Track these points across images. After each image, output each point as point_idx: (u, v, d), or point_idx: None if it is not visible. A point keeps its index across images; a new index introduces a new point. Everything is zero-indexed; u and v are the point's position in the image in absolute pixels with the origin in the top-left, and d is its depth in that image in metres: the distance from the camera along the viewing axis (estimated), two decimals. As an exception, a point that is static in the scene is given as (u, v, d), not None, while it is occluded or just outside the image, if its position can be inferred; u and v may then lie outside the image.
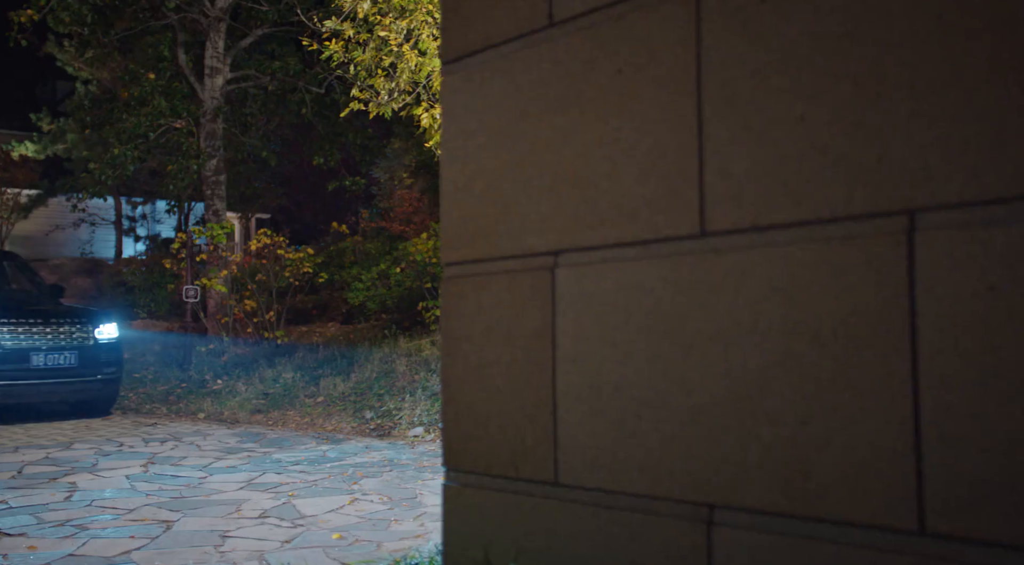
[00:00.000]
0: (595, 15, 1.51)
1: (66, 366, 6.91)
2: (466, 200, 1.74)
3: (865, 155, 1.15)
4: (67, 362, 6.91)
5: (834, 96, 1.19)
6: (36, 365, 6.79)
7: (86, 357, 7.03)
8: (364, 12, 5.48)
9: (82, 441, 5.98)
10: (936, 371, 1.05)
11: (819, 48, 1.21)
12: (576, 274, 1.53)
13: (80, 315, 7.33)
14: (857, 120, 1.16)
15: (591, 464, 1.48)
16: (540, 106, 1.60)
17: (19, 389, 6.78)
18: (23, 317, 6.90)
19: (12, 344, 6.74)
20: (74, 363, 6.95)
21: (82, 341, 7.05)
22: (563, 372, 1.54)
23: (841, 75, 1.18)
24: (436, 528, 3.52)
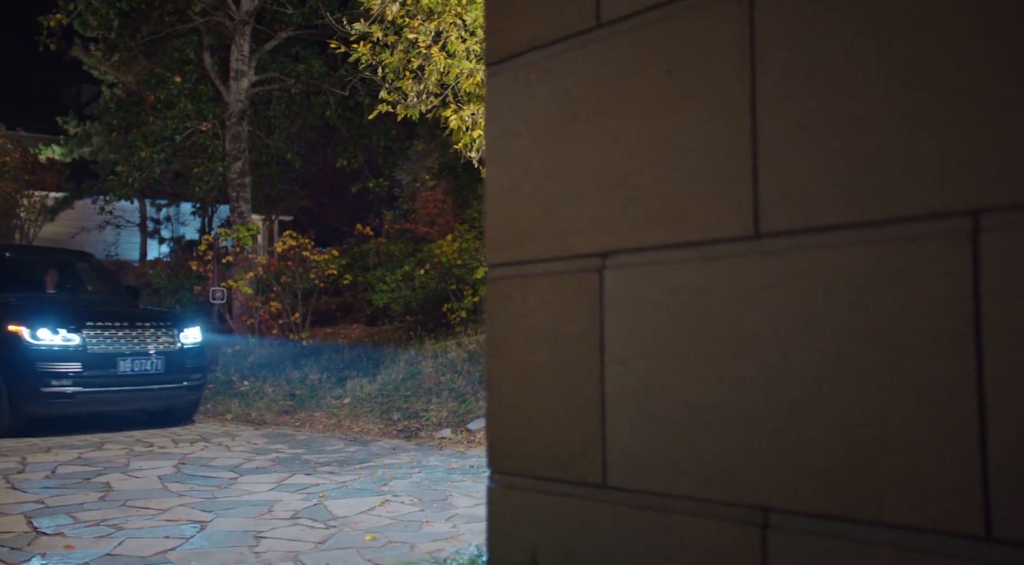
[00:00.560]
0: (644, 16, 1.51)
1: (153, 372, 6.58)
2: (511, 202, 1.74)
3: (926, 155, 1.13)
4: (154, 368, 6.58)
5: (893, 96, 1.17)
6: (123, 371, 6.44)
7: (172, 363, 6.70)
8: (393, 15, 5.50)
9: (113, 442, 6.03)
10: (1002, 374, 1.04)
11: (877, 47, 1.19)
12: (625, 276, 1.53)
13: (165, 318, 7.05)
14: (917, 120, 1.14)
15: (641, 467, 1.47)
16: (587, 107, 1.59)
17: (106, 397, 6.41)
18: (108, 320, 6.56)
19: (98, 349, 6.38)
20: (161, 369, 6.62)
21: (168, 346, 6.73)
22: (612, 374, 1.53)
23: (900, 74, 1.16)
24: (468, 530, 3.52)
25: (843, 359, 1.18)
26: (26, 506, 3.95)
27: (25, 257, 8.59)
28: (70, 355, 6.23)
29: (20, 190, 17.23)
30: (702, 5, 1.40)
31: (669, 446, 1.41)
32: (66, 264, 8.29)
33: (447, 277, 8.72)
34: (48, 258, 8.51)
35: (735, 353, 1.32)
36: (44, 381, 6.11)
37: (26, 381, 6.10)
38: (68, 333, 6.27)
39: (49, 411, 6.28)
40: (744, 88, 1.33)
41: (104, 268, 8.89)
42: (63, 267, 8.10)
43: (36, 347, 6.17)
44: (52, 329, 6.25)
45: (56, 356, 6.19)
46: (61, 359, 6.20)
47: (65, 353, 6.22)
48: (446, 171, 13.69)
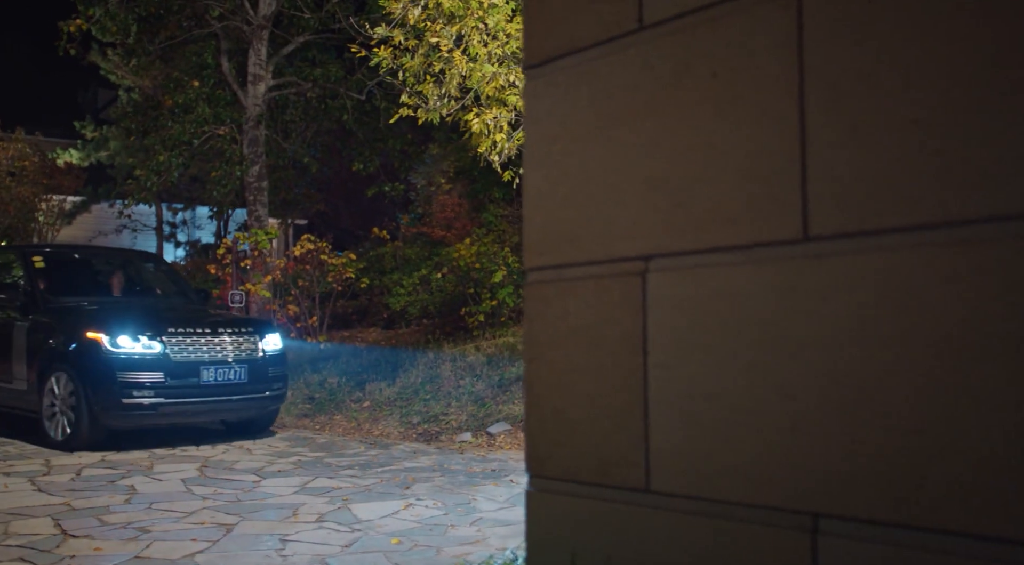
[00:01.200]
0: (688, 18, 1.50)
1: (236, 382, 6.17)
2: (550, 205, 1.73)
3: (984, 158, 1.12)
4: (237, 377, 6.17)
5: (950, 98, 1.16)
6: (206, 381, 6.04)
7: (255, 372, 6.30)
8: (414, 19, 5.51)
9: (134, 445, 6.06)
10: (1066, 378, 1.02)
11: (933, 49, 1.18)
12: (668, 279, 1.52)
13: (246, 324, 6.68)
14: (975, 122, 1.13)
15: (685, 471, 1.46)
16: (629, 110, 1.59)
17: (188, 408, 6.02)
18: (189, 326, 6.18)
19: (180, 357, 5.98)
20: (244, 378, 6.21)
21: (251, 354, 6.33)
22: (655, 378, 1.52)
23: (958, 76, 1.15)
24: (494, 534, 3.51)
25: (898, 364, 1.17)
26: (52, 508, 3.97)
27: (94, 258, 8.14)
28: (152, 364, 5.86)
29: (39, 194, 17.35)
30: (748, 8, 1.40)
31: (715, 450, 1.40)
32: (135, 266, 8.01)
33: (465, 281, 8.72)
34: (117, 259, 8.15)
35: (784, 357, 1.31)
36: (125, 392, 5.74)
37: (106, 391, 5.73)
38: (149, 340, 5.92)
39: (130, 423, 5.92)
40: (792, 91, 1.32)
41: (174, 270, 8.53)
42: (133, 269, 7.83)
43: (116, 355, 5.79)
44: (132, 336, 5.88)
45: (137, 365, 5.82)
46: (143, 368, 5.83)
47: (147, 361, 5.86)
48: (462, 175, 13.71)
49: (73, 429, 5.78)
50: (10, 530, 3.56)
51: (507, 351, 7.45)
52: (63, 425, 5.87)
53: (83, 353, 5.84)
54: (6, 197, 16.48)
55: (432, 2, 5.40)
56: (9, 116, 16.96)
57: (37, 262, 6.79)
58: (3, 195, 16.48)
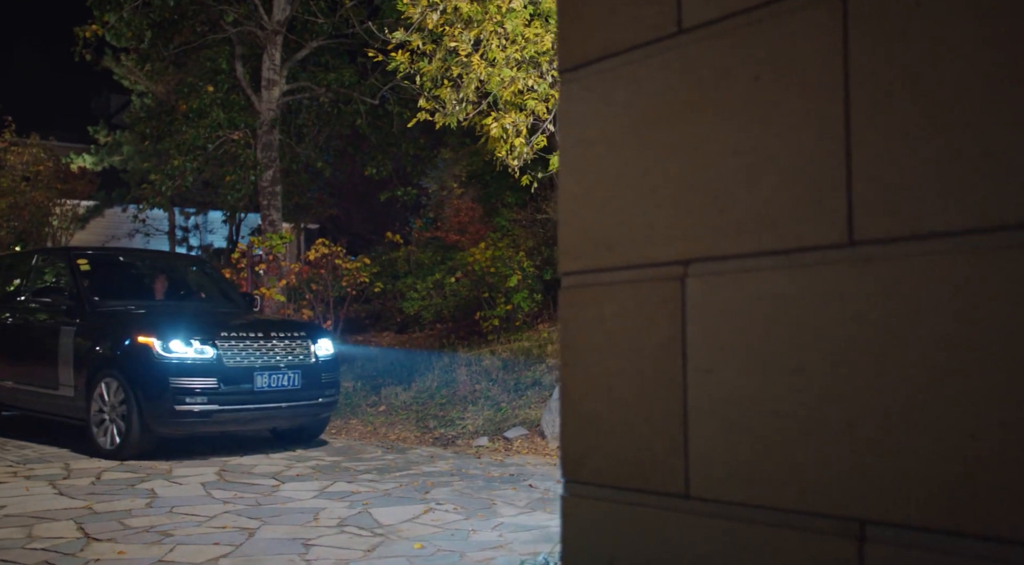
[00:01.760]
0: (729, 21, 1.49)
1: (290, 388, 6.04)
2: (586, 210, 1.72)
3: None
4: (291, 383, 6.04)
5: (1002, 99, 1.15)
6: (260, 387, 5.90)
7: (309, 378, 6.17)
8: (433, 23, 5.52)
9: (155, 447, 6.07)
10: None
11: (984, 50, 1.17)
12: (708, 284, 1.51)
13: (298, 328, 6.55)
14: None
15: (727, 477, 1.45)
16: (668, 114, 1.58)
17: (242, 415, 5.88)
18: (242, 331, 6.05)
19: (234, 363, 5.84)
20: (297, 385, 6.08)
21: (304, 359, 6.20)
22: (695, 383, 1.51)
23: (1010, 77, 1.14)
24: (516, 539, 3.50)
25: (949, 369, 1.15)
26: (75, 512, 3.98)
27: (139, 261, 8.05)
28: (205, 369, 5.73)
29: (53, 198, 17.43)
30: (792, 11, 1.39)
31: (757, 456, 1.39)
32: (180, 269, 7.91)
33: (479, 285, 8.72)
34: (162, 262, 8.10)
35: (829, 362, 1.30)
36: (178, 398, 5.61)
37: (158, 398, 5.60)
38: (201, 344, 5.80)
39: (182, 431, 5.81)
40: (837, 94, 1.31)
41: (220, 274, 8.43)
42: (178, 272, 7.72)
43: (169, 361, 5.66)
44: (185, 340, 5.75)
45: (190, 370, 5.70)
46: (196, 373, 5.70)
47: (200, 367, 5.73)
48: (474, 179, 13.73)
49: (123, 437, 5.64)
50: (34, 533, 3.57)
51: (522, 356, 7.45)
52: (113, 433, 5.72)
53: (134, 358, 5.70)
54: (21, 202, 16.56)
55: (450, 7, 5.42)
56: (23, 121, 17.04)
57: (83, 265, 6.65)
58: (18, 200, 16.56)
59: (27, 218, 17.01)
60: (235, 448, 6.13)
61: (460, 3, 5.39)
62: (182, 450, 5.94)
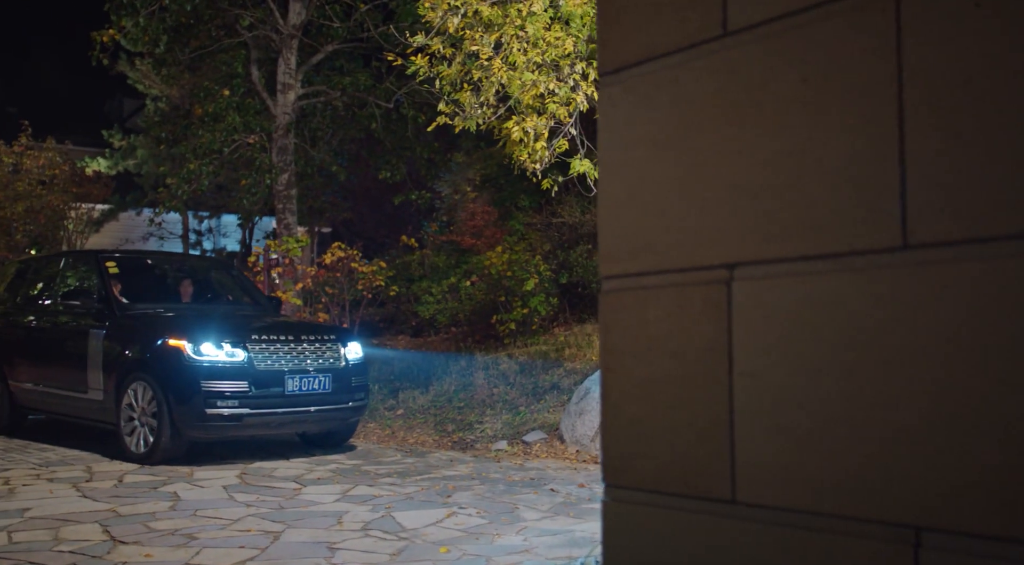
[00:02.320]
0: (775, 24, 1.48)
1: (320, 392, 5.98)
2: (627, 213, 1.71)
3: (1104, 163, 1.09)
4: (321, 387, 5.98)
5: (1065, 102, 1.14)
6: (290, 391, 5.83)
7: (339, 381, 6.10)
8: (453, 27, 5.53)
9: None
10: None
11: (1045, 53, 1.16)
12: (755, 287, 1.50)
13: (328, 332, 6.49)
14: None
15: (774, 482, 1.43)
16: (712, 117, 1.57)
17: (273, 419, 5.79)
18: (272, 333, 5.98)
19: (265, 366, 5.77)
20: (327, 388, 6.02)
21: (334, 363, 6.13)
22: (741, 387, 1.50)
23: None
24: (542, 543, 3.49)
25: (1011, 374, 1.14)
26: (99, 514, 3.99)
27: (165, 264, 8.05)
28: (236, 372, 5.67)
29: (68, 202, 17.52)
30: (842, 12, 1.38)
31: (807, 461, 1.38)
32: (207, 272, 7.87)
33: (496, 289, 8.72)
34: (189, 265, 8.05)
35: (881, 367, 1.29)
36: (209, 402, 5.55)
37: (189, 401, 5.54)
38: (232, 347, 5.74)
39: (212, 435, 5.75)
40: (890, 96, 1.30)
41: (245, 276, 8.37)
42: (204, 275, 7.68)
43: (200, 364, 5.61)
44: (216, 343, 5.69)
45: (221, 373, 5.63)
46: (227, 377, 5.64)
47: (231, 370, 5.66)
48: (488, 183, 13.73)
49: (153, 441, 5.58)
50: (60, 535, 3.58)
51: (540, 359, 7.44)
52: (143, 437, 5.67)
53: (164, 361, 5.64)
54: (37, 205, 16.65)
55: (471, 10, 5.41)
56: (37, 125, 17.15)
57: (111, 267, 6.61)
58: (34, 203, 16.65)
59: (43, 222, 17.10)
60: (255, 452, 6.14)
61: (481, 7, 5.39)
62: (203, 454, 5.95)
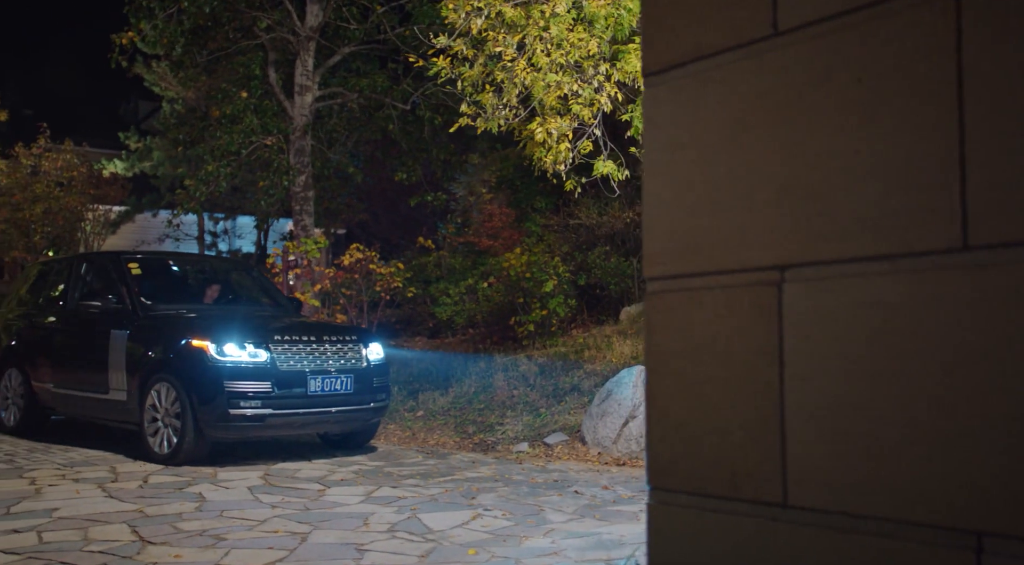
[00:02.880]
0: (828, 23, 1.47)
1: (342, 392, 5.92)
2: (674, 214, 1.70)
3: None
4: (343, 388, 5.93)
5: None
6: (313, 391, 5.79)
7: (361, 382, 6.05)
8: (477, 28, 5.52)
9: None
10: None
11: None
12: (807, 289, 1.48)
13: (350, 332, 6.45)
14: None
15: (828, 486, 1.42)
16: (762, 117, 1.56)
17: (295, 420, 5.76)
18: (295, 334, 5.95)
19: (288, 366, 5.73)
20: (349, 389, 5.96)
21: (356, 363, 6.08)
22: (792, 390, 1.49)
23: None
24: (570, 546, 3.48)
25: (1079, 377, 1.13)
26: (126, 515, 4.01)
27: (186, 265, 8.05)
28: (259, 373, 5.64)
29: (86, 204, 17.62)
30: (899, 11, 1.36)
31: (862, 464, 1.37)
32: (227, 273, 7.87)
33: (514, 290, 8.71)
34: (209, 266, 8.05)
35: (939, 370, 1.28)
36: (232, 402, 5.51)
37: (213, 402, 5.51)
38: (255, 348, 5.70)
39: (235, 436, 5.74)
40: (950, 96, 1.29)
41: (266, 278, 8.31)
42: (225, 276, 7.67)
43: (223, 364, 5.57)
44: (239, 344, 5.66)
45: (245, 374, 5.60)
46: (250, 377, 5.60)
47: (254, 371, 5.63)
48: (504, 184, 13.73)
49: (177, 442, 5.59)
50: (89, 536, 3.59)
51: (559, 361, 7.43)
52: (166, 438, 5.68)
53: (188, 361, 5.65)
54: (55, 207, 16.76)
55: (494, 11, 5.41)
56: (53, 127, 17.27)
57: (133, 269, 6.64)
58: (52, 205, 16.76)
59: (61, 223, 17.21)
60: (276, 453, 6.15)
61: (505, 8, 5.39)
62: (225, 454, 5.97)
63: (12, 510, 4.09)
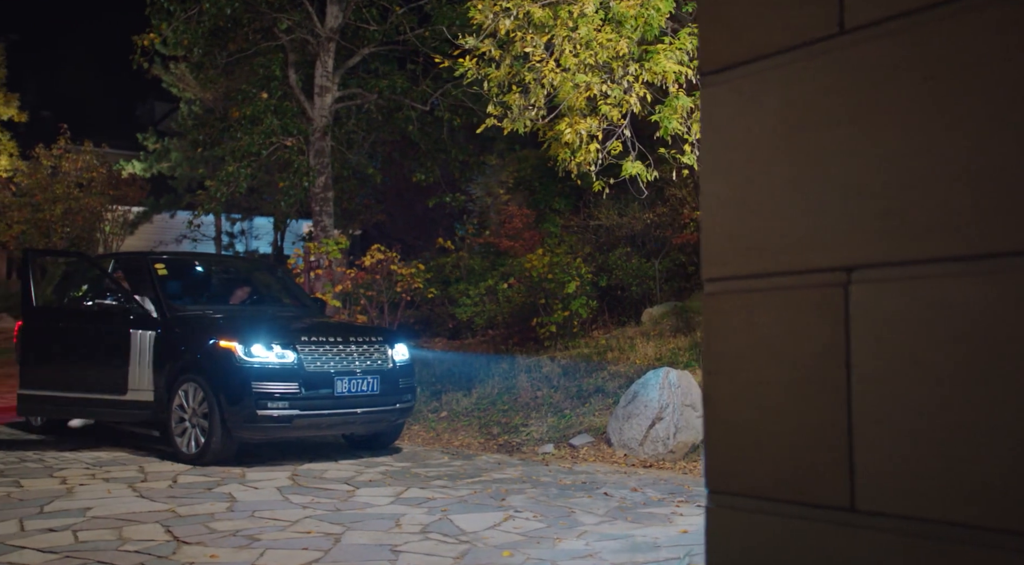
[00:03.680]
0: (898, 21, 1.45)
1: (368, 393, 5.92)
2: (733, 214, 1.68)
3: None
4: (369, 389, 5.92)
5: None
6: (339, 392, 5.78)
7: (387, 383, 6.05)
8: (505, 28, 5.52)
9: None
10: None
11: None
12: (876, 291, 1.46)
13: (376, 333, 6.43)
14: None
15: (898, 490, 1.40)
16: (827, 116, 1.54)
17: (322, 420, 5.76)
18: (322, 335, 5.96)
19: (315, 367, 5.74)
20: (376, 390, 5.96)
21: (382, 364, 6.08)
22: (860, 393, 1.46)
23: None
24: (605, 548, 3.47)
25: None
26: (159, 514, 4.01)
27: (211, 266, 8.08)
28: (287, 374, 5.65)
29: (105, 204, 17.73)
30: (972, 8, 1.34)
31: (936, 469, 1.35)
32: (251, 274, 7.88)
33: (535, 291, 8.70)
34: (234, 267, 8.04)
35: (1018, 373, 1.26)
36: (260, 403, 5.52)
37: (240, 402, 5.52)
38: (283, 349, 5.71)
39: (262, 436, 5.75)
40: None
41: (290, 278, 8.30)
42: (249, 277, 7.69)
43: (250, 364, 5.58)
44: (266, 344, 5.67)
45: (272, 375, 5.61)
46: (277, 378, 5.61)
47: (282, 371, 5.64)
48: (521, 185, 13.72)
49: (204, 442, 5.60)
50: (124, 535, 3.60)
51: (582, 362, 7.41)
52: (194, 438, 5.68)
53: (215, 362, 5.65)
54: (75, 208, 16.87)
55: (522, 12, 5.40)
56: (71, 128, 17.39)
57: (160, 269, 6.65)
58: (72, 205, 16.87)
59: (81, 223, 17.32)
60: (302, 453, 6.16)
61: (533, 8, 5.38)
62: (251, 455, 5.98)
63: (46, 509, 4.11)
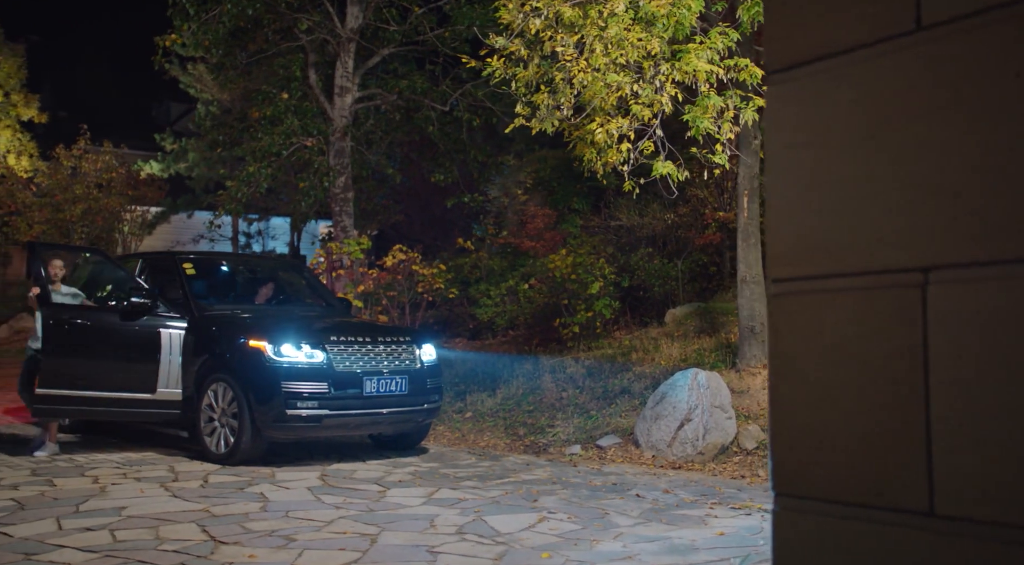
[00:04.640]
0: (980, 17, 1.43)
1: (397, 393, 5.88)
2: (800, 214, 1.66)
3: None
4: (398, 388, 5.89)
5: None
6: (368, 392, 5.75)
7: (415, 383, 6.01)
8: (535, 28, 5.50)
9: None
10: None
11: None
12: (956, 291, 1.44)
13: (403, 333, 6.41)
14: None
15: (979, 495, 1.38)
16: (904, 114, 1.51)
17: (350, 420, 5.74)
18: (350, 335, 5.92)
19: (344, 367, 5.71)
20: (404, 390, 5.92)
21: (409, 364, 6.04)
22: (939, 395, 1.44)
23: None
24: (643, 550, 3.45)
25: None
26: (193, 514, 4.02)
27: (238, 265, 8.09)
28: (316, 373, 5.63)
29: (124, 205, 17.81)
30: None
31: (1019, 473, 1.33)
32: (278, 273, 7.86)
33: (558, 291, 8.68)
34: (260, 267, 8.04)
35: (1109, 375, 1.23)
36: (289, 402, 5.50)
37: (269, 402, 5.51)
38: (312, 349, 5.70)
39: (292, 436, 5.76)
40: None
41: (316, 279, 8.33)
42: (278, 277, 7.68)
43: (280, 364, 5.57)
44: (296, 344, 5.66)
45: (301, 374, 5.59)
46: (307, 378, 5.60)
47: (311, 371, 5.63)
48: (540, 185, 13.70)
49: (234, 442, 5.59)
50: (161, 535, 3.60)
51: (607, 363, 7.38)
52: (223, 438, 5.68)
53: (245, 362, 5.65)
54: (95, 208, 16.95)
55: (551, 12, 5.39)
56: (89, 129, 17.48)
57: (187, 269, 6.63)
58: (92, 205, 16.96)
59: (100, 224, 17.41)
60: (329, 453, 6.16)
61: (563, 7, 5.36)
62: (279, 455, 5.98)
63: (81, 509, 4.12)
